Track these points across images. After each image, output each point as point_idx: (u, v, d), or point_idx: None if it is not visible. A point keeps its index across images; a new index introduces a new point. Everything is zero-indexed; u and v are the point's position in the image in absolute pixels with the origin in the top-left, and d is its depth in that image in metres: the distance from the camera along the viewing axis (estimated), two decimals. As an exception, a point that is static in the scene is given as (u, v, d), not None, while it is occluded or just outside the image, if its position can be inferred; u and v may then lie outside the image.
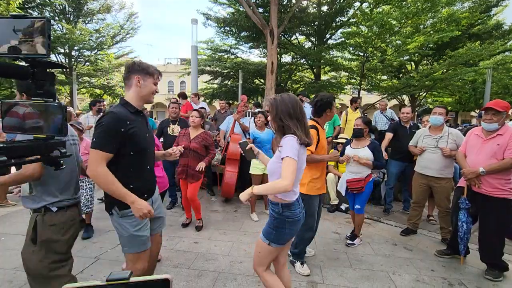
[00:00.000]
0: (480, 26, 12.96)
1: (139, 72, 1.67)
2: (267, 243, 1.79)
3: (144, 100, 1.74)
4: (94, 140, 1.52)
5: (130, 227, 1.67)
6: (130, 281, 0.67)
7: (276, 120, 1.72)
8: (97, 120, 1.58)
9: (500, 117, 2.60)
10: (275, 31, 8.80)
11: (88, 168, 1.53)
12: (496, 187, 2.59)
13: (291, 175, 1.53)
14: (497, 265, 2.71)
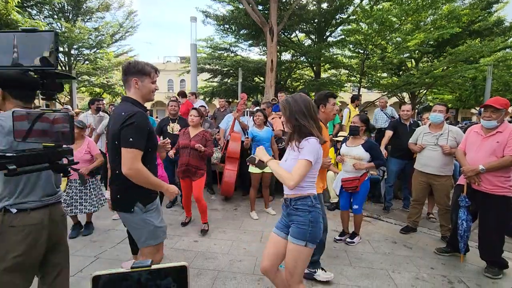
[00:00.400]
0: (480, 23, 12.89)
1: (135, 74, 1.69)
2: (303, 245, 1.66)
3: (145, 100, 1.79)
4: (131, 139, 1.56)
5: (154, 220, 1.75)
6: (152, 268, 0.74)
7: (291, 120, 1.74)
8: (125, 119, 1.57)
9: (499, 114, 2.59)
10: (275, 28, 8.77)
11: (125, 167, 1.56)
12: (496, 185, 2.59)
13: (299, 177, 1.62)
14: (497, 263, 2.71)
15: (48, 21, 14.53)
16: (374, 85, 13.49)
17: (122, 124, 1.57)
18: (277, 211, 4.41)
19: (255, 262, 2.87)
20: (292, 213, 1.74)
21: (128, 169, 1.57)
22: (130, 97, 1.72)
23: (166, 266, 0.75)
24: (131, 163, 1.57)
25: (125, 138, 1.57)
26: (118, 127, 1.59)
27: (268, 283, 2.50)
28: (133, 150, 1.57)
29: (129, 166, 1.57)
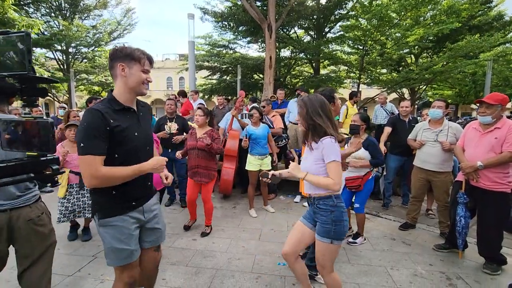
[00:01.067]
0: (480, 17, 12.81)
1: (122, 58, 1.45)
2: (329, 242, 1.76)
3: (133, 92, 1.51)
4: (81, 145, 1.34)
5: (110, 238, 1.50)
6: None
7: (307, 120, 1.78)
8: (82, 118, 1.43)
9: (494, 110, 2.57)
10: (273, 25, 8.70)
11: (86, 180, 1.36)
12: (494, 181, 2.58)
13: (340, 177, 1.68)
14: (495, 259, 2.71)
15: (46, 19, 14.42)
16: (374, 81, 13.43)
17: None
18: (276, 208, 4.41)
19: (253, 260, 2.87)
20: (316, 212, 1.84)
21: (89, 182, 1.35)
22: (110, 92, 1.51)
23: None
24: (89, 173, 1.33)
25: (78, 144, 1.35)
26: None
27: (266, 281, 2.51)
28: (86, 158, 1.33)
29: (88, 177, 1.33)
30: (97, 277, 2.53)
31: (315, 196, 1.83)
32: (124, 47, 1.48)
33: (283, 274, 2.63)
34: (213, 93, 15.59)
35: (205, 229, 3.49)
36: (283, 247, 1.98)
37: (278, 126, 4.71)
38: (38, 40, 13.30)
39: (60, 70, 15.61)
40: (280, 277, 2.58)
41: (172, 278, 2.54)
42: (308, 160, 1.81)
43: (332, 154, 1.68)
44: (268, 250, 3.09)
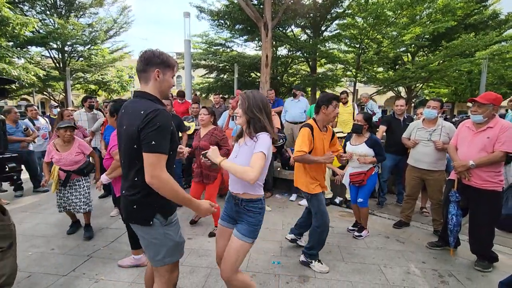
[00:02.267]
0: (476, 16, 12.87)
1: (159, 65, 1.48)
2: (250, 242, 1.78)
3: (163, 96, 1.56)
4: (153, 142, 1.33)
5: (174, 234, 1.55)
6: None
7: (247, 113, 1.76)
8: (146, 119, 1.34)
9: (485, 109, 2.60)
10: (269, 23, 8.69)
11: (148, 175, 1.35)
12: (486, 180, 2.61)
13: (260, 169, 1.60)
14: (487, 256, 2.75)
15: (41, 17, 14.28)
16: (370, 79, 13.48)
17: (143, 124, 1.35)
18: (272, 207, 4.42)
19: (248, 258, 2.88)
20: (243, 213, 1.80)
21: (151, 177, 1.35)
22: (148, 92, 1.49)
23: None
24: (154, 170, 1.35)
25: (147, 141, 1.34)
26: (136, 127, 1.36)
27: (260, 280, 2.53)
28: (156, 155, 1.35)
29: (152, 173, 1.35)
30: (92, 277, 2.54)
31: (243, 197, 1.78)
32: (160, 52, 1.50)
33: (277, 273, 2.65)
34: (210, 92, 15.58)
35: (213, 230, 3.46)
36: (217, 254, 1.94)
37: (276, 126, 4.68)
38: (33, 38, 13.17)
39: (56, 69, 15.46)
40: (274, 276, 2.60)
41: (167, 277, 2.55)
42: (243, 155, 1.77)
43: (262, 146, 1.65)
44: (263, 248, 3.11)
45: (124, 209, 1.56)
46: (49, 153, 3.21)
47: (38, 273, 2.60)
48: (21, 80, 10.46)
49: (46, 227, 3.64)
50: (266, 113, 1.77)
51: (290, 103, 5.85)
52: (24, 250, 2.98)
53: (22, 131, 4.74)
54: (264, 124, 1.74)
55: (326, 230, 2.68)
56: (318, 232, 2.68)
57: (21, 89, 13.41)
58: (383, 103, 30.14)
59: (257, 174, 1.57)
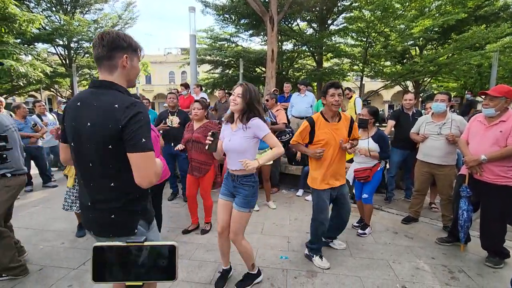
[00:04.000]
0: (487, 7, 12.52)
1: (127, 49, 1.26)
2: (247, 211, 2.14)
3: (129, 85, 1.35)
4: (143, 140, 1.17)
5: (159, 237, 1.47)
6: (144, 244, 0.87)
7: (249, 103, 2.03)
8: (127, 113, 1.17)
9: (497, 102, 2.53)
10: (275, 17, 8.60)
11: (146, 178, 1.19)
12: (498, 175, 2.55)
13: (279, 141, 2.01)
14: (498, 252, 2.70)
15: (47, 13, 14.37)
16: (377, 73, 13.28)
17: (125, 120, 1.16)
18: (279, 202, 4.42)
19: (256, 253, 2.88)
20: (239, 187, 2.14)
21: (151, 181, 1.20)
22: (115, 83, 1.26)
23: (157, 244, 0.89)
24: (149, 170, 1.19)
25: (136, 139, 1.16)
26: (114, 125, 1.16)
27: (268, 275, 2.53)
28: (149, 154, 1.19)
29: (150, 174, 1.19)
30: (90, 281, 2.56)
31: (238, 174, 2.12)
32: (125, 34, 1.27)
33: (285, 268, 2.65)
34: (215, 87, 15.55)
35: (204, 226, 3.45)
36: (218, 224, 2.27)
37: (282, 121, 4.61)
38: (40, 35, 13.27)
39: (63, 65, 15.60)
40: (282, 270, 2.60)
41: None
42: (237, 139, 2.07)
43: (264, 129, 2.02)
44: (270, 243, 3.11)
45: (95, 222, 1.32)
46: None
47: (49, 266, 2.64)
48: (29, 77, 10.57)
49: (56, 221, 3.69)
50: (259, 104, 2.10)
51: (296, 98, 5.80)
52: (35, 244, 3.04)
53: (31, 127, 4.79)
54: (261, 114, 2.06)
55: (320, 226, 2.65)
56: (312, 226, 2.71)
57: (28, 86, 13.53)
58: (390, 98, 29.79)
59: (282, 148, 2.07)
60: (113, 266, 0.89)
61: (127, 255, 0.88)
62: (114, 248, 0.87)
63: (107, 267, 0.89)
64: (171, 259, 0.88)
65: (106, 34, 1.22)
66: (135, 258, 0.88)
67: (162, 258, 0.89)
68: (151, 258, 0.89)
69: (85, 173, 1.29)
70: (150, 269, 0.90)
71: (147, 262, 0.89)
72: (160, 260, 0.89)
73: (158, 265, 0.90)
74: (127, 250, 0.88)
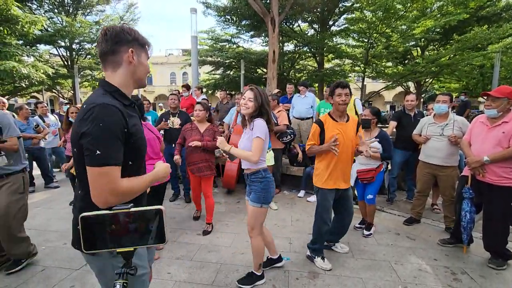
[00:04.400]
0: (489, 8, 12.49)
1: (132, 43, 1.14)
2: (259, 207, 2.19)
3: (137, 84, 1.22)
4: (98, 152, 0.97)
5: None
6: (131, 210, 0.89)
7: (260, 107, 2.09)
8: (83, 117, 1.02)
9: (500, 103, 2.52)
10: (276, 18, 8.61)
11: (100, 198, 1.00)
12: (501, 176, 2.54)
13: (259, 152, 2.06)
14: (501, 254, 2.69)
15: (49, 15, 14.46)
16: (379, 74, 13.25)
17: (82, 123, 1.00)
18: (280, 203, 4.41)
19: (257, 254, 2.88)
20: (251, 184, 2.24)
21: (105, 200, 1.00)
22: (108, 82, 1.13)
23: (144, 209, 0.90)
24: (108, 188, 0.99)
25: (89, 149, 0.98)
26: (76, 126, 1.04)
27: (270, 276, 2.52)
28: (106, 169, 0.98)
29: (106, 194, 0.99)
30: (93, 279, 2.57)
31: (247, 172, 2.22)
32: (130, 28, 1.16)
33: (286, 269, 2.64)
34: (216, 88, 15.58)
35: (206, 227, 3.45)
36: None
37: (283, 122, 4.58)
38: (41, 36, 13.35)
39: (65, 67, 15.67)
40: (284, 271, 2.60)
41: (177, 272, 2.57)
42: (244, 140, 2.18)
43: (258, 131, 2.04)
44: (272, 244, 3.10)
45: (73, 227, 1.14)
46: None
47: (51, 266, 2.65)
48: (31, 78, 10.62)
49: (58, 222, 3.70)
50: (269, 107, 2.15)
51: (296, 99, 5.79)
52: (38, 244, 3.03)
53: (33, 128, 4.81)
54: (270, 116, 2.10)
55: (323, 226, 2.65)
56: (315, 225, 2.71)
57: (30, 87, 13.60)
58: (391, 99, 29.74)
59: (257, 158, 2.06)
60: (102, 235, 0.89)
61: (116, 223, 0.89)
62: (101, 216, 0.88)
63: (96, 235, 0.90)
64: (159, 223, 0.91)
65: (109, 27, 1.13)
66: (123, 224, 0.89)
67: (150, 222, 0.91)
68: (139, 223, 0.91)
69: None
70: (139, 234, 0.91)
71: (136, 227, 0.91)
72: (148, 225, 0.91)
73: (148, 230, 0.91)
74: (115, 217, 0.88)
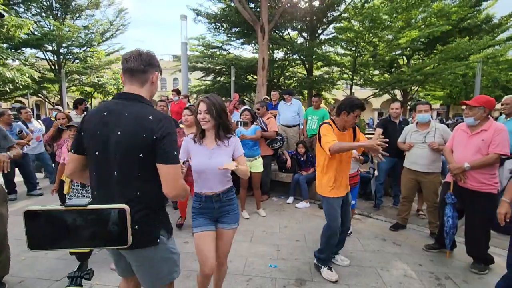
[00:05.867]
0: (470, 20, 13.03)
1: (157, 67, 1.42)
2: (237, 226, 2.03)
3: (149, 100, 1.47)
4: (175, 153, 1.28)
5: (175, 246, 1.50)
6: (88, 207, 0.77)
7: (215, 118, 1.85)
8: (162, 127, 1.25)
9: (476, 111, 2.63)
10: (266, 26, 8.73)
11: (173, 189, 1.28)
12: (481, 182, 2.62)
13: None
14: (483, 259, 2.76)
15: (36, 19, 14.21)
16: (366, 82, 13.54)
17: (160, 132, 1.24)
18: (269, 210, 4.41)
19: (245, 262, 2.87)
20: (225, 205, 1.96)
21: (175, 190, 1.29)
22: (143, 96, 1.36)
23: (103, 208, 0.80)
24: (177, 181, 1.29)
25: (168, 152, 1.25)
26: (148, 135, 1.23)
27: (257, 284, 2.51)
28: (177, 166, 1.29)
29: (175, 185, 1.29)
30: (86, 282, 2.49)
31: (223, 191, 1.94)
32: (155, 56, 1.44)
33: (274, 276, 2.63)
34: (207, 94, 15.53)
35: (179, 219, 3.73)
36: (208, 263, 1.84)
37: (272, 129, 4.61)
38: (28, 40, 13.10)
39: (51, 71, 15.38)
40: (271, 279, 2.58)
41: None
42: (220, 156, 1.89)
43: (241, 149, 1.99)
44: (260, 252, 3.09)
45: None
46: (64, 154, 3.05)
47: (31, 278, 2.56)
48: (16, 82, 10.38)
49: (39, 231, 3.58)
50: (226, 115, 1.93)
51: (282, 106, 5.85)
52: (17, 255, 2.92)
53: (16, 134, 4.68)
54: (229, 125, 1.93)
55: (333, 236, 2.58)
56: (325, 235, 2.63)
57: (15, 91, 13.27)
58: (379, 106, 30.35)
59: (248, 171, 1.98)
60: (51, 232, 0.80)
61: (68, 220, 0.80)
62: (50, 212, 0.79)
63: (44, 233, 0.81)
64: (122, 224, 0.82)
65: (143, 51, 1.38)
66: (78, 222, 0.80)
67: (112, 223, 0.82)
68: (98, 223, 0.81)
69: (106, 183, 1.29)
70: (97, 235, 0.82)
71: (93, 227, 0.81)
72: (109, 225, 0.82)
73: (107, 231, 0.82)
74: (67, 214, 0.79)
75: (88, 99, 18.92)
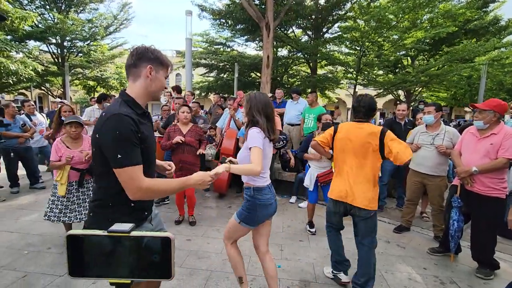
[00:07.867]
0: (476, 21, 12.91)
1: (152, 60, 1.34)
2: (237, 222, 2.03)
3: (151, 97, 1.41)
4: (119, 156, 1.18)
5: None
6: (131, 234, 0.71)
7: (249, 115, 1.93)
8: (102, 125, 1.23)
9: (486, 115, 2.59)
10: (271, 24, 8.66)
11: (130, 192, 1.23)
12: (489, 186, 2.59)
13: (259, 161, 1.75)
14: (489, 264, 2.74)
15: (40, 11, 14.15)
16: (370, 82, 13.48)
17: (100, 130, 1.23)
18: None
19: (248, 261, 2.85)
20: (244, 197, 2.04)
21: (134, 194, 1.24)
22: (126, 93, 1.34)
23: (147, 235, 0.73)
24: (135, 185, 1.22)
25: (111, 154, 1.20)
26: (96, 133, 1.25)
27: (260, 284, 2.49)
28: (128, 169, 1.20)
29: (134, 189, 1.22)
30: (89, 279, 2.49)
31: (245, 186, 2.03)
32: (154, 49, 1.37)
33: (278, 277, 2.61)
34: (209, 91, 15.54)
35: (191, 219, 3.77)
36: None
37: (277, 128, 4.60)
38: (32, 32, 13.05)
39: (55, 64, 15.35)
40: (274, 280, 2.56)
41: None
42: (242, 150, 1.97)
43: (253, 141, 1.82)
44: (263, 251, 3.07)
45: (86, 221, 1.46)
46: (58, 151, 2.86)
47: (34, 272, 2.55)
48: (19, 75, 10.37)
49: (42, 225, 3.57)
50: (266, 115, 1.91)
51: (289, 105, 5.81)
52: (20, 249, 2.93)
53: (20, 127, 4.67)
54: (262, 126, 1.88)
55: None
56: (374, 255, 2.42)
57: (18, 84, 13.26)
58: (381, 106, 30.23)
59: (260, 167, 1.74)
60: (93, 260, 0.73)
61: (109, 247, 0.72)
62: (92, 237, 0.72)
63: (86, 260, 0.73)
64: (166, 254, 0.73)
65: (138, 46, 1.36)
66: (119, 250, 0.72)
67: (154, 252, 0.73)
68: (140, 251, 0.72)
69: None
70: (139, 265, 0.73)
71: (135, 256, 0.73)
72: (151, 255, 0.73)
73: (150, 261, 0.73)
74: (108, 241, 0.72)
75: (91, 93, 18.92)
